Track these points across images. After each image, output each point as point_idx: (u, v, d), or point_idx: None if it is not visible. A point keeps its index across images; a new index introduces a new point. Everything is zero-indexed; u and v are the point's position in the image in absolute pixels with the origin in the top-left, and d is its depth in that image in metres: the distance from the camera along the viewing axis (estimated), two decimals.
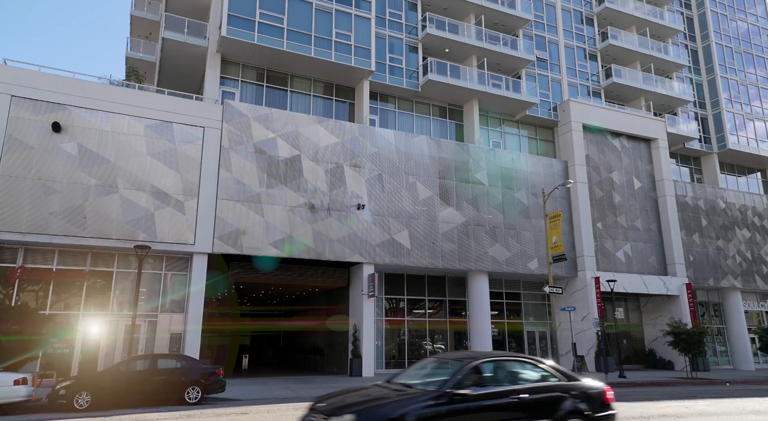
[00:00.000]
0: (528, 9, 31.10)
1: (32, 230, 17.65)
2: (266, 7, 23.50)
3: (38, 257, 18.25)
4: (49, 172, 18.37)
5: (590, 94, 32.77)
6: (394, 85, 26.84)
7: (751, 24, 40.22)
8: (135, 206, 19.20)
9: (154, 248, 19.03)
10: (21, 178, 17.93)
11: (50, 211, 18.01)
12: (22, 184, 17.95)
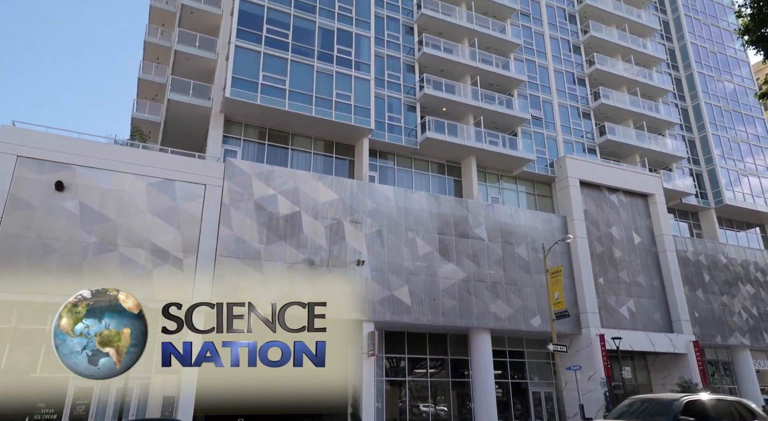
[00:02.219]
0: (522, 70, 32.26)
1: (28, 289, 17.42)
2: (269, 70, 24.37)
3: (32, 316, 17.90)
4: (50, 230, 18.37)
5: (585, 150, 33.41)
6: (393, 142, 27.39)
7: (737, 85, 41.63)
8: (133, 264, 19.06)
9: (151, 307, 18.68)
10: (20, 237, 17.90)
11: (48, 270, 17.85)
12: (22, 243, 17.90)
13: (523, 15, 34.57)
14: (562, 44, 35.61)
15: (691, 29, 41.15)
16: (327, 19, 26.80)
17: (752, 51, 11.73)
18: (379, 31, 29.02)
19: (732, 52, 42.62)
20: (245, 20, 24.67)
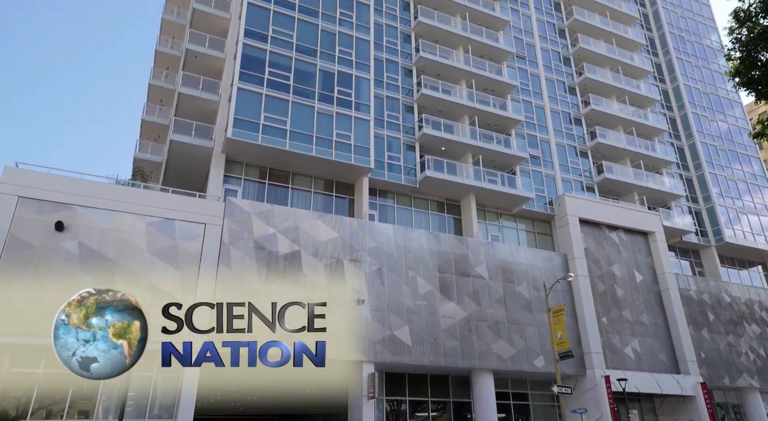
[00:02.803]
0: (519, 111, 32.83)
1: (24, 332, 17.13)
2: (270, 111, 24.80)
3: (24, 360, 17.52)
4: (47, 271, 18.23)
5: (584, 188, 33.61)
6: (392, 181, 27.58)
7: (731, 124, 42.28)
8: None
9: (147, 348, 18.34)
10: (18, 277, 17.76)
11: (43, 311, 17.59)
12: (19, 283, 17.73)
13: (519, 58, 35.48)
14: (557, 85, 36.38)
15: (683, 71, 42.16)
16: (327, 62, 27.48)
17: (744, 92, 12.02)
18: (379, 73, 29.71)
19: (724, 93, 43.48)
20: (248, 63, 25.29)
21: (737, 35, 12.14)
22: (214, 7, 28.46)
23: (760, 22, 11.61)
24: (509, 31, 35.74)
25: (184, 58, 27.50)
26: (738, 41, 12.15)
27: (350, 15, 29.49)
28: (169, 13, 31.64)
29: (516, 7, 37.43)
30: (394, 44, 31.36)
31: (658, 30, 43.86)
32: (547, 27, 38.37)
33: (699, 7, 47.39)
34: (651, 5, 44.93)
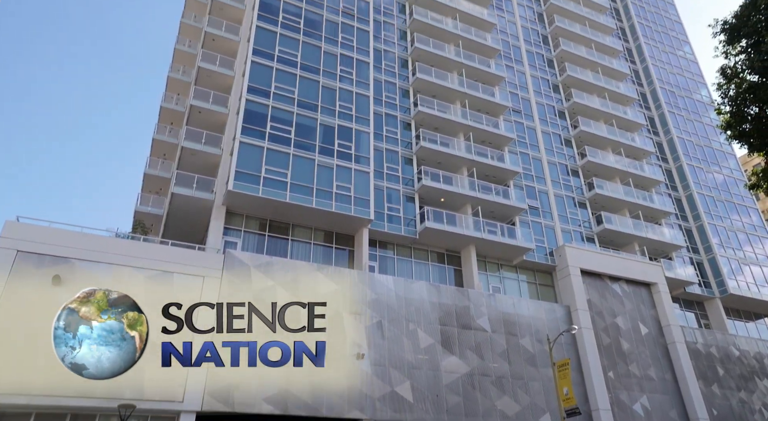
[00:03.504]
0: (516, 162, 33.32)
1: (12, 391, 16.61)
2: (271, 164, 25.17)
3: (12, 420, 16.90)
4: (41, 326, 17.85)
5: (584, 239, 33.58)
6: (392, 232, 27.59)
7: (726, 176, 42.77)
8: None
9: (140, 407, 17.74)
10: (10, 333, 17.40)
11: (33, 369, 17.14)
12: (11, 340, 17.36)
13: (515, 111, 36.40)
14: (553, 138, 37.11)
15: (676, 124, 43.12)
16: (328, 116, 28.17)
17: (737, 144, 12.24)
18: (378, 126, 30.38)
19: (718, 145, 44.26)
20: (250, 118, 25.91)
21: (726, 90, 12.51)
22: (218, 66, 29.46)
23: (746, 78, 12.00)
24: (504, 87, 36.84)
25: (188, 113, 28.19)
26: (727, 96, 12.51)
27: (350, 72, 30.51)
28: (175, 71, 32.72)
29: (510, 64, 38.76)
30: (393, 99, 32.25)
31: (649, 85, 45.23)
32: (541, 82, 39.58)
33: (687, 64, 49.08)
34: (641, 62, 46.54)
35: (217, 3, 31.98)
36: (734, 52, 12.55)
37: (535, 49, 41.16)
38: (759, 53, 11.40)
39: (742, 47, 12.35)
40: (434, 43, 35.02)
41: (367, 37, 32.57)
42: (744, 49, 12.27)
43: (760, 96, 11.34)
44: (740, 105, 11.99)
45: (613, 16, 48.45)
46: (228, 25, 31.37)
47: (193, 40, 33.68)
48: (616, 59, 44.18)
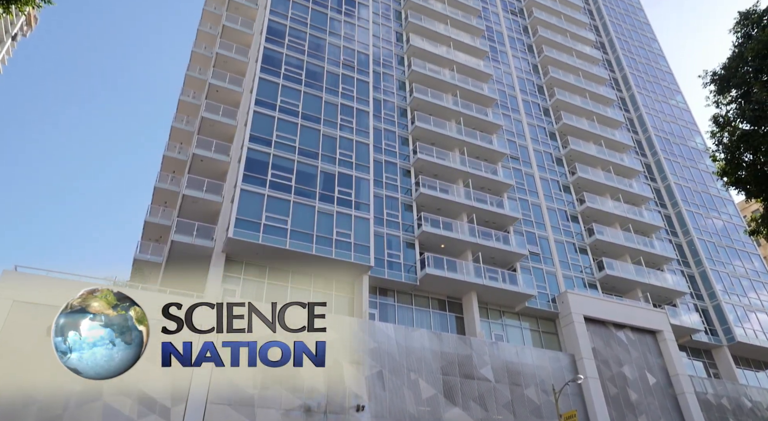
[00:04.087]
0: (516, 208, 33.46)
1: None
2: (272, 211, 25.29)
3: None
4: (33, 379, 17.45)
5: (586, 285, 33.26)
6: (393, 279, 27.37)
7: (726, 222, 42.80)
8: (117, 415, 17.78)
9: None
10: (5, 386, 16.95)
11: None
12: (5, 391, 16.89)
13: (513, 158, 36.89)
14: (552, 184, 37.44)
15: (673, 171, 43.59)
16: (328, 164, 28.54)
17: (734, 191, 12.32)
18: (378, 173, 30.72)
19: (715, 191, 44.52)
20: (252, 166, 26.25)
21: (719, 138, 12.74)
22: (221, 115, 30.14)
23: (739, 126, 12.25)
24: (502, 134, 37.52)
25: (190, 162, 28.58)
26: (721, 144, 12.72)
27: (351, 121, 31.16)
28: (178, 121, 33.42)
29: (507, 113, 39.63)
30: (392, 147, 32.77)
31: (644, 133, 46.05)
32: (538, 130, 40.33)
33: (680, 113, 50.15)
34: (635, 111, 47.59)
35: (222, 56, 33.07)
36: (725, 102, 12.87)
37: (531, 99, 42.19)
38: (749, 103, 11.67)
39: (732, 97, 12.67)
40: (432, 93, 35.94)
41: (367, 87, 33.47)
42: (734, 98, 12.57)
43: (754, 144, 11.53)
44: (734, 152, 12.17)
45: (606, 67, 49.94)
46: (232, 77, 32.31)
47: (198, 92, 34.60)
48: (611, 108, 45.20)
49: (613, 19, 54.46)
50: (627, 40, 53.37)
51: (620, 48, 51.38)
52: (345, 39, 35.08)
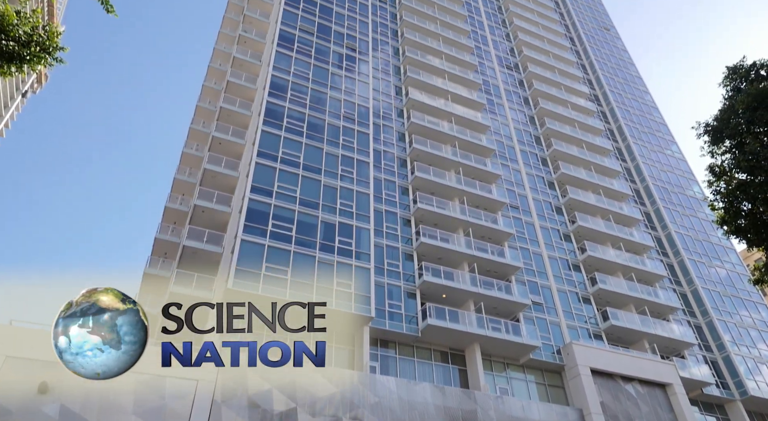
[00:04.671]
0: (517, 257, 33.29)
1: None
2: (272, 261, 25.18)
3: None
4: None
5: (591, 336, 32.59)
6: (394, 330, 26.87)
7: (729, 271, 42.43)
8: None
9: None
10: None
11: None
12: None
13: (513, 208, 37.08)
14: (552, 233, 37.43)
15: (672, 220, 43.65)
16: (329, 214, 28.68)
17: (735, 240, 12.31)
18: (378, 223, 30.80)
19: (716, 239, 44.36)
20: (253, 217, 26.37)
21: (717, 188, 12.86)
22: (224, 167, 30.57)
23: (735, 176, 12.40)
24: (501, 184, 37.89)
25: (191, 212, 28.74)
26: (719, 193, 12.82)
27: (351, 171, 31.56)
28: (181, 173, 33.84)
29: (506, 163, 40.19)
30: (392, 196, 33.02)
31: (641, 182, 46.49)
32: (537, 180, 40.76)
33: (676, 162, 50.82)
34: (631, 160, 48.26)
35: (225, 110, 33.93)
36: (720, 152, 13.09)
37: (529, 149, 42.90)
38: (743, 153, 11.88)
39: (726, 147, 12.90)
40: (432, 144, 36.59)
41: (367, 138, 34.13)
42: (728, 148, 12.80)
43: (751, 193, 11.63)
44: (733, 201, 12.26)
45: (601, 119, 51.06)
46: (234, 130, 33.02)
47: (201, 144, 35.25)
48: (608, 158, 45.87)
49: (605, 72, 56.21)
50: (620, 92, 54.88)
51: (614, 100, 52.76)
52: (346, 93, 36.10)
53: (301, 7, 39.24)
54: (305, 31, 37.89)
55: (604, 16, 67.25)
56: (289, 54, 35.56)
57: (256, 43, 38.91)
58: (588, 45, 58.50)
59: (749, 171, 11.82)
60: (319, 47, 37.64)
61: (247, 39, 38.81)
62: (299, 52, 36.22)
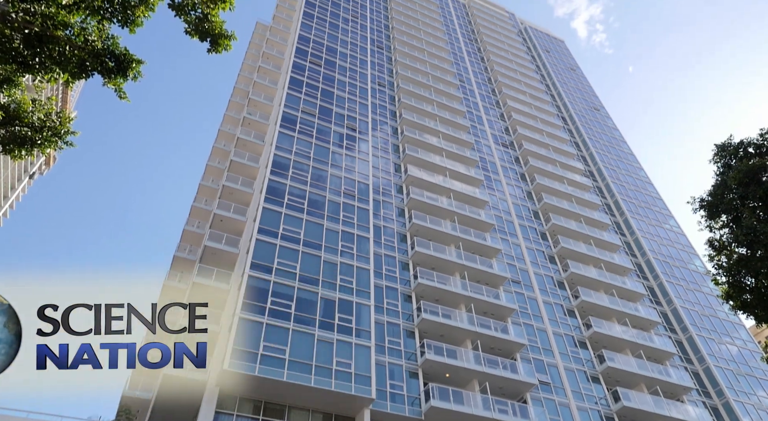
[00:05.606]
0: (521, 334, 32.46)
1: None
2: (270, 340, 24.53)
3: None
4: None
5: (603, 418, 31.00)
6: (395, 413, 25.64)
7: (740, 348, 41.15)
8: None
9: None
10: None
11: None
12: None
13: (514, 282, 36.70)
14: (556, 308, 36.76)
15: (677, 294, 42.97)
16: (329, 290, 28.33)
17: (742, 315, 12.08)
18: (379, 299, 30.34)
19: (724, 315, 43.37)
20: (252, 294, 26.03)
21: (718, 262, 12.81)
22: (224, 244, 30.63)
23: (735, 250, 12.40)
24: (502, 258, 37.76)
25: (189, 291, 28.39)
26: (721, 267, 12.75)
27: (351, 247, 31.58)
28: (181, 251, 33.80)
29: (505, 237, 40.31)
30: (393, 272, 32.78)
31: (642, 256, 46.36)
32: (537, 254, 40.68)
33: (675, 236, 50.97)
34: (630, 234, 48.45)
35: (228, 188, 34.57)
36: (717, 226, 13.18)
37: (528, 224, 43.21)
38: (741, 228, 11.96)
39: (723, 221, 13.01)
40: (431, 219, 36.89)
41: (367, 214, 34.49)
42: (726, 223, 12.90)
43: (753, 268, 11.58)
44: (736, 275, 12.16)
45: (597, 194, 51.90)
46: (236, 207, 33.44)
47: (202, 221, 35.55)
48: (607, 232, 46.07)
49: (599, 150, 57.91)
50: (614, 168, 56.22)
51: (609, 176, 53.91)
52: (346, 170, 36.96)
53: (304, 91, 41.16)
54: (307, 112, 39.50)
55: (593, 97, 70.42)
56: (291, 134, 36.82)
57: (259, 124, 40.42)
58: (579, 124, 60.75)
59: (749, 246, 11.83)
60: (320, 127, 39.04)
61: (251, 121, 40.35)
62: (301, 132, 37.54)
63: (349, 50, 49.73)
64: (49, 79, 9.09)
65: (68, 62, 8.93)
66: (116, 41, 9.62)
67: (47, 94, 16.90)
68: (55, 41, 8.66)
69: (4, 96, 9.47)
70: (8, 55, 8.40)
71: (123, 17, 9.41)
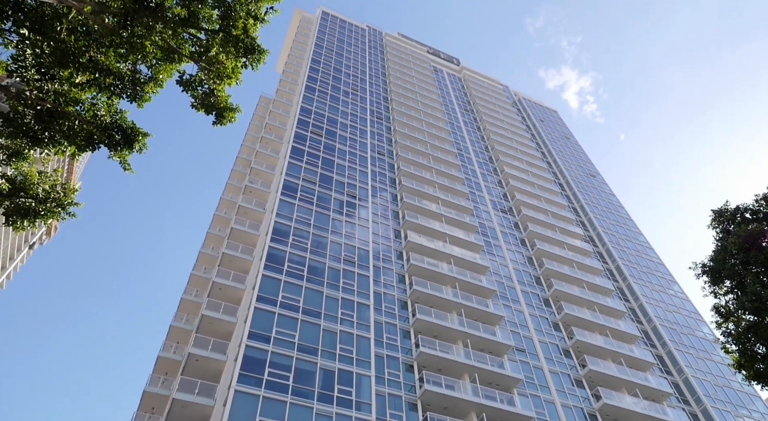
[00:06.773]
0: (528, 406, 31.15)
1: None
2: (267, 414, 23.60)
3: None
4: None
5: None
6: None
7: None
8: None
9: None
10: None
11: None
12: None
13: (519, 351, 35.66)
14: (563, 378, 35.48)
15: (688, 363, 41.54)
16: (328, 360, 27.47)
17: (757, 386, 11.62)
18: (380, 369, 29.35)
19: (738, 385, 41.70)
20: (248, 365, 25.22)
21: (726, 329, 12.51)
22: (222, 312, 30.08)
23: (743, 316, 12.15)
24: (505, 325, 36.92)
25: (185, 362, 27.56)
26: (729, 335, 12.43)
27: (351, 315, 30.98)
28: (178, 320, 33.21)
29: (508, 303, 39.64)
30: (393, 340, 31.94)
31: (648, 323, 45.35)
32: (541, 321, 39.82)
33: (681, 302, 50.11)
34: (635, 300, 47.69)
35: (228, 255, 34.45)
36: (722, 292, 12.99)
37: (530, 289, 42.65)
38: (746, 294, 11.78)
39: (728, 287, 12.84)
40: (432, 286, 36.44)
41: (367, 281, 34.12)
42: (730, 289, 12.73)
43: (763, 335, 11.29)
44: (746, 343, 11.83)
45: (598, 259, 51.63)
46: (235, 275, 33.16)
47: (201, 290, 35.14)
48: (610, 298, 45.37)
49: (597, 215, 58.32)
50: (614, 233, 56.32)
51: (609, 241, 53.90)
52: (346, 237, 37.00)
53: (305, 160, 42.07)
54: (308, 180, 40.15)
55: (588, 164, 71.88)
56: (292, 201, 37.21)
57: (261, 192, 40.98)
58: (576, 189, 61.59)
59: (755, 312, 11.60)
60: (320, 195, 39.53)
61: (253, 189, 40.94)
62: (302, 199, 37.96)
63: (350, 121, 51.38)
64: (57, 152, 9.31)
65: (76, 136, 9.18)
66: (124, 116, 9.95)
67: (53, 166, 17.24)
68: (65, 116, 8.96)
69: (11, 168, 9.66)
70: (19, 130, 8.65)
71: (132, 93, 9.79)
